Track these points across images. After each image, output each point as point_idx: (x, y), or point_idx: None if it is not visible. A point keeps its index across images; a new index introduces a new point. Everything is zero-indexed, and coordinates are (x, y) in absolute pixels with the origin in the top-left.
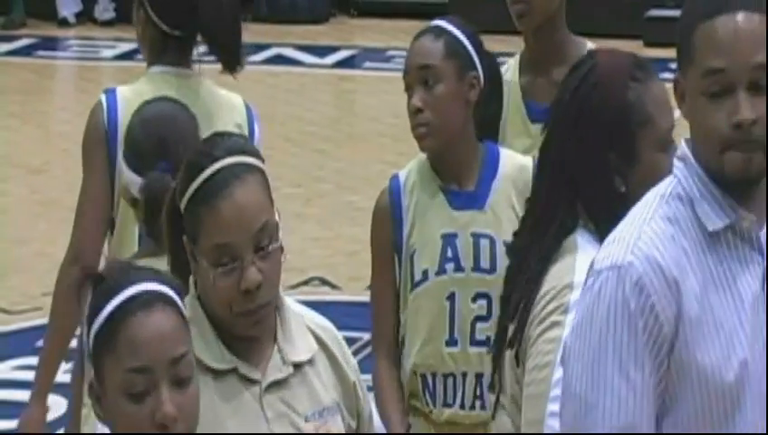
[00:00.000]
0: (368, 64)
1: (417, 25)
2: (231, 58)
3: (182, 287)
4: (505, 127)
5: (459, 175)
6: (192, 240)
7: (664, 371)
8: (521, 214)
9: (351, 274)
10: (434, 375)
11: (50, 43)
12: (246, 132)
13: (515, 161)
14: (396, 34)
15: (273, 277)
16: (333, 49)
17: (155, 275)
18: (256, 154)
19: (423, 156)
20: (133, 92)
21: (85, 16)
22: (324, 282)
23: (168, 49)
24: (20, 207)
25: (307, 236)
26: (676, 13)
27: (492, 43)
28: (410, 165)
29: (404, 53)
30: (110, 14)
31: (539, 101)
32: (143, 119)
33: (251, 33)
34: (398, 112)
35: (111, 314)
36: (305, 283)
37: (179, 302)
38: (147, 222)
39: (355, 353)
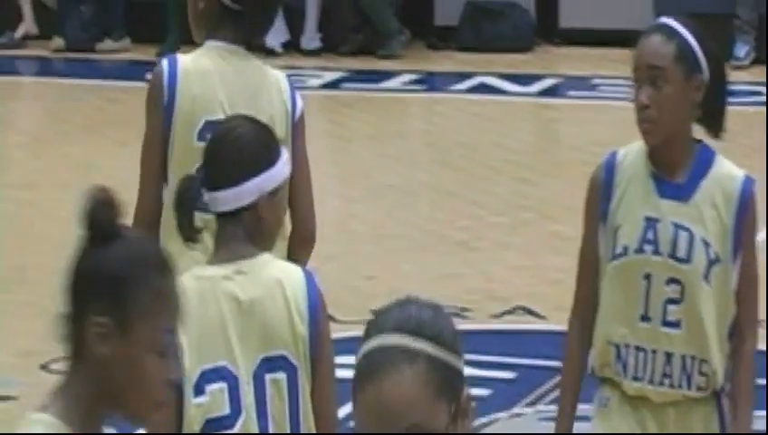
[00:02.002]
0: (572, 93)
1: (621, 53)
2: (262, 33)
3: None
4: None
5: (671, 167)
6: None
7: None
8: (724, 217)
9: (556, 303)
10: (626, 347)
11: None
12: (289, 106)
13: (728, 169)
14: (600, 63)
15: None
16: (537, 77)
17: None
18: (434, 337)
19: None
20: (192, 63)
21: (291, 46)
22: (529, 311)
23: (225, 24)
24: None
25: (511, 265)
26: None
27: None
28: (632, 145)
29: (609, 82)
30: (317, 44)
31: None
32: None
33: (455, 61)
34: (602, 141)
35: None
36: (510, 312)
37: None
38: (183, 222)
39: (557, 387)
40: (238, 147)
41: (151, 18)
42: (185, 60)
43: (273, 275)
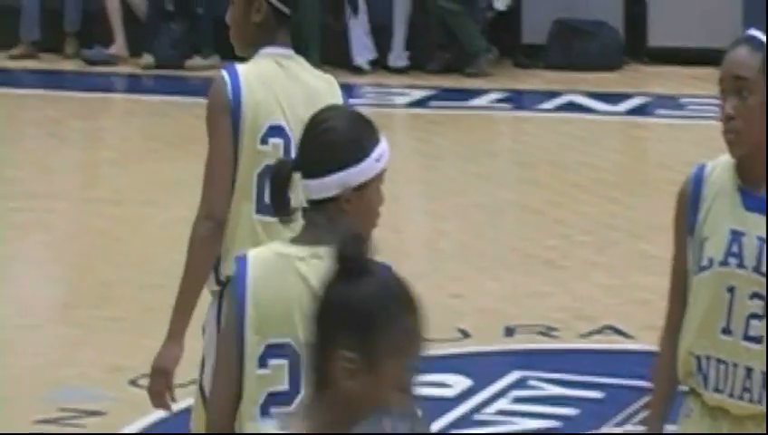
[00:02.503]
0: (660, 112)
1: (710, 72)
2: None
3: None
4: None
5: (757, 179)
6: None
7: None
8: None
9: (645, 322)
10: (708, 359)
11: (344, 90)
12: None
13: None
14: (689, 82)
15: None
16: (626, 96)
17: None
18: None
19: None
20: (251, 71)
21: (379, 63)
22: (617, 331)
23: (279, 31)
24: None
25: (599, 285)
26: None
27: None
28: (720, 159)
29: (697, 101)
30: (404, 62)
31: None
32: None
33: (543, 80)
34: (690, 160)
35: None
36: (598, 331)
37: None
38: (273, 199)
39: (648, 406)
40: (326, 140)
41: None
42: (244, 69)
43: None
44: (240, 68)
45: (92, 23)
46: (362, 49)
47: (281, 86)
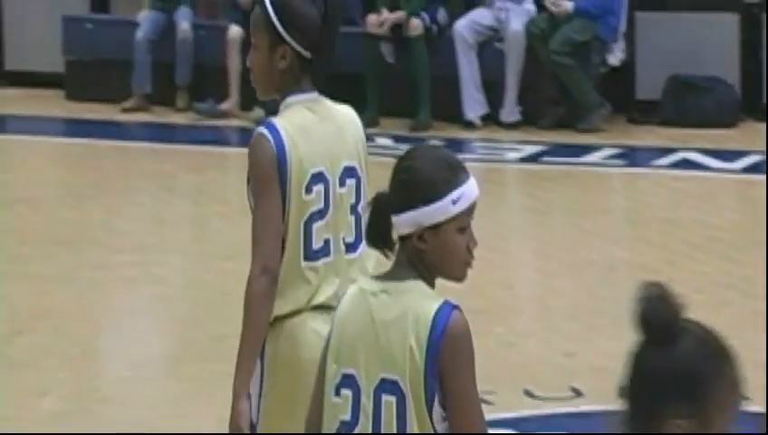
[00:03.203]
0: None
1: None
2: (326, 71)
3: None
4: None
5: None
6: None
7: None
8: None
9: (761, 383)
10: None
11: (456, 145)
12: (363, 134)
13: None
14: None
15: None
16: (741, 154)
17: None
18: None
19: None
20: (290, 125)
21: (490, 119)
22: None
23: (303, 76)
24: None
25: None
26: None
27: None
28: None
29: None
30: (516, 117)
31: None
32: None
33: (657, 136)
34: None
35: None
36: None
37: None
38: (370, 234)
39: None
40: (404, 178)
41: (350, 90)
42: (282, 123)
43: (408, 301)
44: (278, 123)
45: (204, 76)
46: (474, 104)
47: (318, 134)
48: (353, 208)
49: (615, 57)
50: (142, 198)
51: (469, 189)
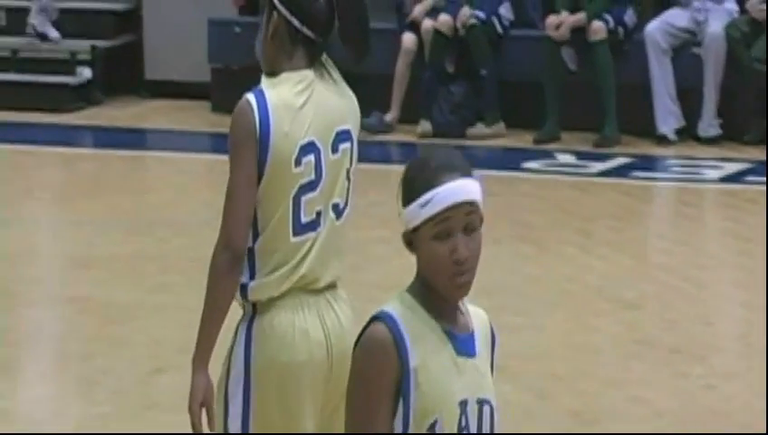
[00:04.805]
0: None
1: None
2: (361, 50)
3: None
4: None
5: None
6: None
7: None
8: None
9: None
10: None
11: (646, 163)
12: (359, 116)
13: None
14: None
15: None
16: None
17: None
18: None
19: None
20: (278, 96)
21: (686, 133)
22: None
23: (296, 50)
24: (613, 346)
25: None
26: None
27: None
28: None
29: None
30: (716, 131)
31: None
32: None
33: None
34: None
35: None
36: None
37: None
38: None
39: None
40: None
41: (528, 101)
42: (271, 95)
43: None
44: (267, 93)
45: (365, 86)
46: (667, 116)
47: (310, 103)
48: (347, 173)
49: None
50: None
51: (445, 192)
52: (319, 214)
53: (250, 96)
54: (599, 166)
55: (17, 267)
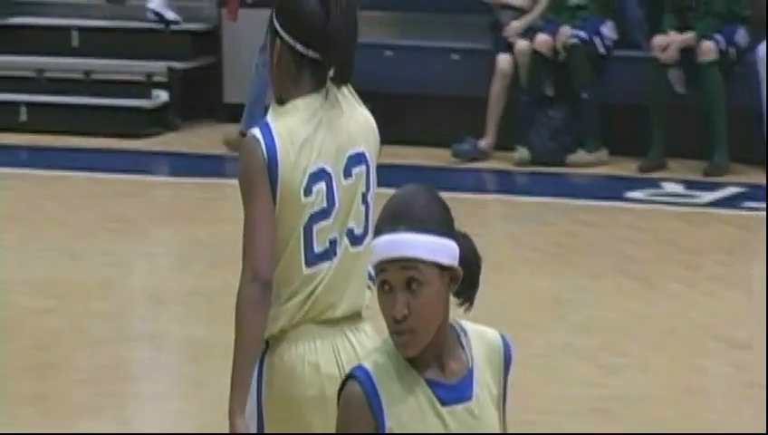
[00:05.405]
0: None
1: None
2: (346, 71)
3: None
4: None
5: None
6: None
7: None
8: None
9: None
10: None
11: (759, 193)
12: (377, 135)
13: None
14: None
15: None
16: None
17: None
18: None
19: None
20: (284, 126)
21: None
22: None
23: (302, 75)
24: (722, 389)
25: None
26: None
27: None
28: None
29: None
30: None
31: None
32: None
33: None
34: None
35: None
36: None
37: None
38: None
39: None
40: None
41: (631, 127)
42: (277, 126)
43: None
44: (273, 125)
45: (458, 110)
46: None
47: (319, 131)
48: (364, 197)
49: None
50: None
51: (379, 245)
52: (333, 242)
53: (256, 130)
54: (708, 196)
55: (89, 302)
